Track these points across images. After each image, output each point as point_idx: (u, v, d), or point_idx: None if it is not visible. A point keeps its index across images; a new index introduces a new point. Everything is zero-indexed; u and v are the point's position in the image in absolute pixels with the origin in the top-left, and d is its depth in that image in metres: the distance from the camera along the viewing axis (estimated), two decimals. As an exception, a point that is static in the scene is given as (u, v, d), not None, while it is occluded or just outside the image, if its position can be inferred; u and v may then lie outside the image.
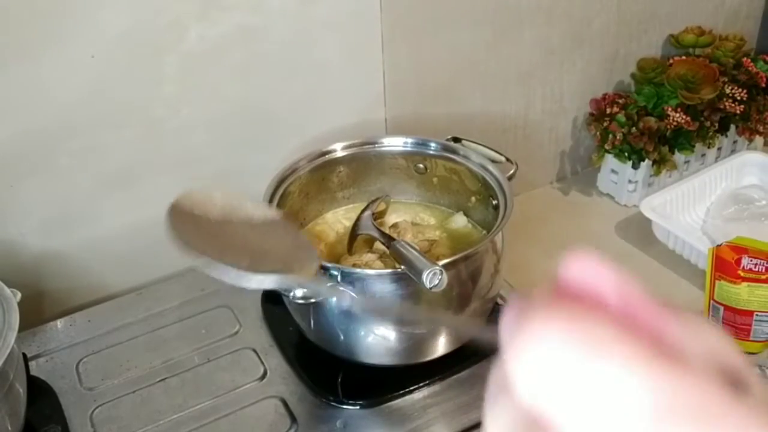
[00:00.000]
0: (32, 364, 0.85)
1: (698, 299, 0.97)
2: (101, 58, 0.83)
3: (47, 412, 0.80)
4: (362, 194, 0.94)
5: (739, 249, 0.87)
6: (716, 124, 1.13)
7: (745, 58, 1.16)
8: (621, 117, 1.10)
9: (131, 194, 0.93)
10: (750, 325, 0.87)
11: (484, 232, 0.87)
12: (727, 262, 0.87)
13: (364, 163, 0.92)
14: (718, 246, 0.89)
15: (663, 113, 1.09)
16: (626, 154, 1.11)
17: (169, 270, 0.99)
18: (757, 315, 0.86)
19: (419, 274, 0.65)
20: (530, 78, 1.13)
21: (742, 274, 0.86)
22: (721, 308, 0.89)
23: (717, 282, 0.89)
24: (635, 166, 1.12)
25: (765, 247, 0.86)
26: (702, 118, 1.11)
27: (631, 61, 1.19)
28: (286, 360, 0.85)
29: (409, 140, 0.91)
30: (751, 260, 0.86)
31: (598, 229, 1.12)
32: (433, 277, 0.64)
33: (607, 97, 1.14)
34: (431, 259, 0.66)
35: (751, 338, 0.87)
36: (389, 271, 0.73)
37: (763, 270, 0.85)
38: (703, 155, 1.18)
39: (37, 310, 0.93)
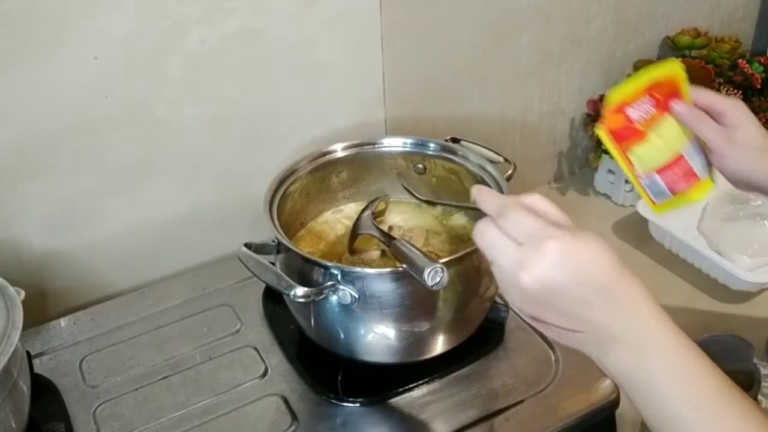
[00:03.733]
0: (36, 362, 0.86)
1: (695, 298, 0.98)
2: (104, 59, 0.84)
3: (51, 410, 0.80)
4: (362, 194, 0.95)
5: (619, 107, 0.73)
6: (712, 125, 1.14)
7: (740, 60, 1.17)
8: (618, 118, 1.11)
9: (134, 194, 0.94)
10: (690, 166, 0.76)
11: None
12: (621, 126, 0.74)
13: (364, 163, 0.93)
14: (599, 124, 0.75)
15: (659, 114, 1.10)
16: (623, 154, 1.12)
17: (171, 269, 1.00)
18: (685, 152, 0.75)
19: (420, 272, 0.66)
20: (528, 79, 1.14)
21: (641, 127, 0.73)
22: (657, 176, 0.76)
23: (630, 154, 0.75)
24: (632, 167, 1.13)
25: (633, 85, 0.73)
26: (698, 119, 1.12)
27: (627, 62, 1.20)
28: (286, 358, 0.86)
29: (409, 141, 0.92)
30: (634, 108, 0.73)
31: (595, 229, 1.11)
32: (434, 275, 0.65)
33: (604, 98, 1.15)
34: (432, 257, 0.67)
35: (701, 177, 0.76)
36: (389, 270, 0.74)
37: (651, 107, 0.73)
38: (699, 156, 1.19)
39: (40, 309, 0.94)
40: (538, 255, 0.51)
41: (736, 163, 0.73)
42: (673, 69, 0.72)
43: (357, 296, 0.73)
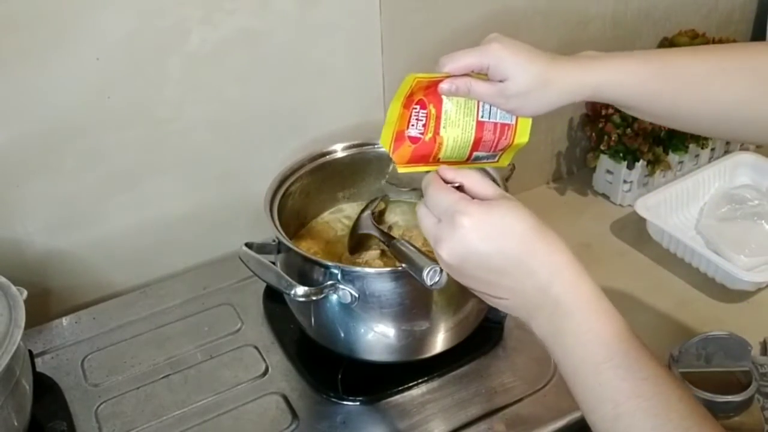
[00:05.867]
0: (38, 360, 0.87)
1: (693, 297, 0.99)
2: (106, 60, 0.84)
3: (53, 408, 0.81)
4: (362, 194, 0.95)
5: (398, 140, 0.66)
6: (710, 126, 1.14)
7: (738, 61, 1.18)
8: (616, 118, 1.12)
9: (135, 194, 0.94)
10: (494, 123, 0.68)
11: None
12: (413, 152, 0.67)
13: (364, 163, 0.93)
14: (399, 163, 0.68)
15: (657, 115, 1.11)
16: (621, 154, 1.13)
17: (172, 268, 1.01)
18: (481, 116, 0.68)
19: (419, 271, 0.66)
20: (527, 80, 1.14)
21: (429, 136, 0.66)
22: (476, 152, 0.69)
23: (442, 161, 0.69)
24: (630, 167, 1.14)
25: (392, 114, 0.66)
26: (696, 120, 1.12)
27: (626, 63, 1.20)
28: (287, 357, 0.86)
29: (408, 141, 0.92)
30: (411, 127, 0.66)
31: (594, 229, 1.14)
32: (433, 275, 0.65)
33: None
34: (431, 257, 0.67)
35: (511, 122, 0.69)
36: (389, 269, 0.74)
37: (422, 110, 0.66)
38: (697, 156, 1.20)
39: (43, 308, 0.94)
40: (451, 231, 0.55)
41: (527, 110, 0.67)
42: (409, 77, 0.66)
43: (357, 295, 0.73)
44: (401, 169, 0.68)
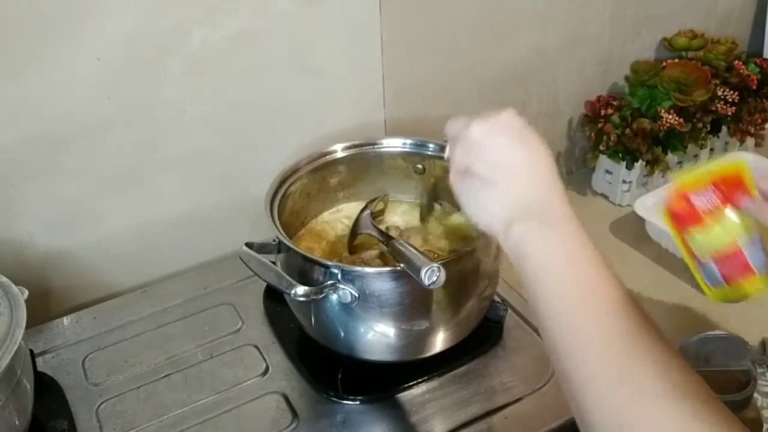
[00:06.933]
0: (39, 360, 0.87)
1: (692, 297, 0.99)
2: (107, 61, 0.84)
3: (54, 407, 0.81)
4: (362, 194, 0.96)
5: (683, 194, 0.74)
6: (708, 126, 1.15)
7: (736, 61, 1.18)
8: (615, 118, 1.12)
9: (136, 194, 0.95)
10: (747, 260, 0.74)
11: (482, 230, 0.88)
12: (682, 210, 0.74)
13: (364, 163, 0.93)
14: (666, 205, 0.76)
15: (656, 115, 1.11)
16: (620, 154, 1.13)
17: (173, 268, 1.01)
18: (744, 246, 0.73)
19: (417, 271, 0.66)
20: (526, 80, 1.14)
21: (702, 214, 0.74)
22: (712, 263, 0.75)
23: (688, 237, 0.76)
24: (629, 167, 1.14)
25: (700, 176, 0.74)
26: (694, 120, 1.12)
27: (625, 63, 1.20)
28: (287, 356, 0.87)
29: (408, 141, 0.92)
30: (698, 196, 0.74)
31: (593, 229, 1.12)
32: (431, 274, 0.66)
33: (601, 99, 1.16)
34: (429, 257, 0.68)
35: (757, 273, 0.74)
36: (389, 269, 0.75)
37: (716, 199, 0.73)
38: (696, 156, 1.20)
39: (43, 308, 0.95)
40: (496, 113, 0.59)
41: None
42: (740, 166, 0.73)
43: (357, 295, 0.73)
44: (661, 211, 0.74)
